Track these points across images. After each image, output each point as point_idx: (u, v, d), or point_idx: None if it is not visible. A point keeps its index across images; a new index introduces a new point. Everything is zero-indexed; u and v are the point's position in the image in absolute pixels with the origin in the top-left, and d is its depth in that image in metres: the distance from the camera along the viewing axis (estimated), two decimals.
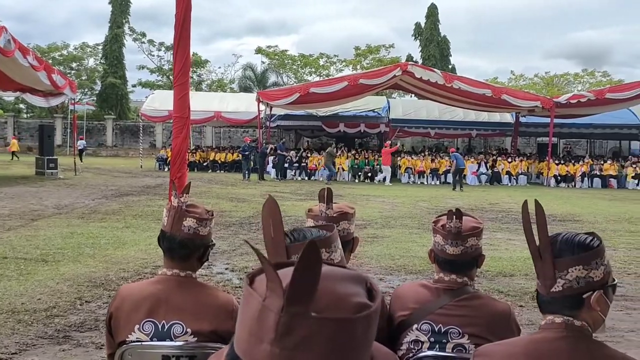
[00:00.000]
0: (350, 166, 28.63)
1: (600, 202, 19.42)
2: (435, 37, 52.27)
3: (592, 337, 1.67)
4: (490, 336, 2.26)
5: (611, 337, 5.40)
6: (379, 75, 26.32)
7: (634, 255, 9.47)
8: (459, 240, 2.46)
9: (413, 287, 2.63)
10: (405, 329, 2.48)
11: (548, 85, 53.32)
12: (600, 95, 26.63)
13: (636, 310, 6.30)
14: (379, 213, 14.51)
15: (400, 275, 7.80)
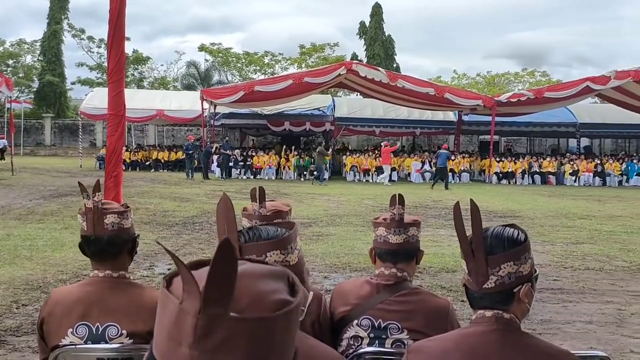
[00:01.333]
0: (296, 165, 28.58)
1: (540, 198, 19.91)
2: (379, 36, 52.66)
3: (520, 329, 1.72)
4: (429, 331, 2.26)
5: (548, 329, 5.51)
6: (324, 73, 26.33)
7: (571, 249, 9.72)
8: (402, 228, 2.51)
9: (354, 283, 2.65)
10: (345, 325, 2.49)
11: (490, 85, 54.40)
12: (539, 95, 27.28)
13: (572, 302, 6.44)
14: (324, 211, 14.51)
15: (345, 272, 7.80)
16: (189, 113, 31.22)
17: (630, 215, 14.78)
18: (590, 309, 6.21)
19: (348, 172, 28.79)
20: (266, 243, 1.56)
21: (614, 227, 12.45)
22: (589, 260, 8.81)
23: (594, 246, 10.09)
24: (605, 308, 6.24)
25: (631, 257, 9.07)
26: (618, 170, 29.31)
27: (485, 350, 1.65)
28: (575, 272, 8.05)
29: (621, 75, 26.16)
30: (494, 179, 28.16)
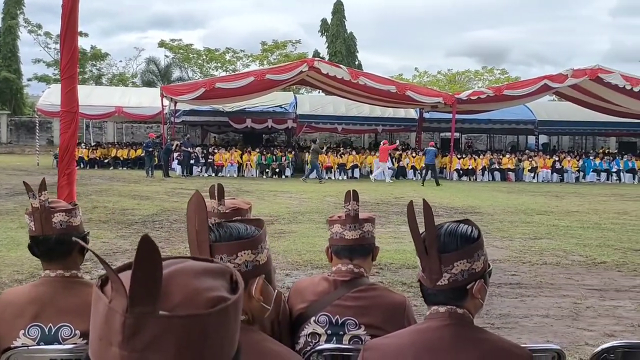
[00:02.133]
0: (258, 162, 28.45)
1: (499, 194, 20.18)
2: (341, 33, 52.77)
3: (473, 324, 1.74)
4: (386, 327, 2.28)
5: (506, 323, 5.57)
6: (285, 70, 26.26)
7: (529, 245, 9.86)
8: (357, 224, 2.53)
9: (311, 280, 2.64)
10: (303, 322, 2.49)
11: (450, 82, 54.96)
12: (498, 92, 27.64)
13: (529, 297, 6.53)
14: (286, 209, 14.47)
15: (306, 270, 7.77)
16: (148, 110, 30.76)
17: (587, 211, 15.07)
18: (547, 303, 6.30)
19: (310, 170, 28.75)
20: (237, 243, 1.55)
21: (571, 223, 12.68)
22: (547, 255, 8.94)
23: (551, 241, 10.25)
24: (561, 302, 6.33)
25: (587, 252, 9.24)
26: (575, 167, 29.89)
27: (439, 345, 1.67)
28: (533, 267, 8.16)
29: (578, 74, 26.67)
30: (454, 176, 28.46)
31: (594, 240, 10.42)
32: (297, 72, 25.89)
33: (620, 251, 9.36)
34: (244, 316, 1.55)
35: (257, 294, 1.55)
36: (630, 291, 6.87)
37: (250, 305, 1.56)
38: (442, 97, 28.28)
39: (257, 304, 1.57)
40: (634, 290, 6.92)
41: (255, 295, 1.55)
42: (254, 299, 1.55)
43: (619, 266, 8.23)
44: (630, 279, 7.47)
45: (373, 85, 26.50)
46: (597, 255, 8.99)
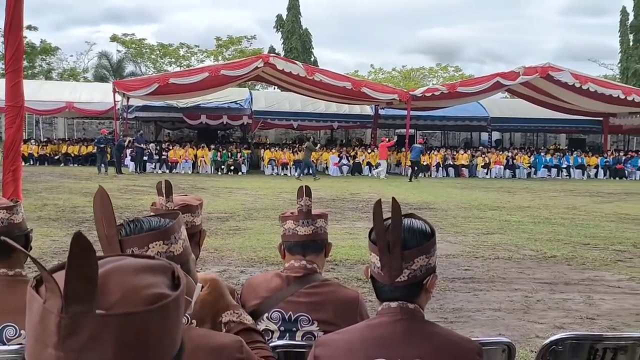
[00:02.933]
0: (213, 159, 28.22)
1: (453, 190, 20.44)
2: (297, 29, 52.59)
3: (424, 318, 1.76)
4: (339, 322, 2.28)
5: (459, 317, 5.63)
6: (240, 66, 26.10)
7: (482, 240, 9.99)
8: (310, 220, 2.53)
9: (264, 276, 2.64)
10: (256, 319, 2.46)
11: (405, 79, 55.33)
12: (452, 89, 28.02)
13: (482, 291, 6.61)
14: (241, 205, 14.38)
15: (262, 266, 7.73)
16: (100, 105, 30.16)
17: (538, 206, 15.37)
18: (499, 296, 6.39)
19: (266, 166, 28.66)
20: (148, 235, 1.53)
21: (523, 218, 12.91)
22: (499, 250, 9.08)
23: (503, 236, 10.41)
24: (513, 295, 6.43)
25: (538, 246, 9.41)
26: (527, 163, 30.50)
27: (390, 340, 1.67)
28: (486, 261, 8.28)
29: (529, 72, 27.21)
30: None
31: (544, 234, 10.62)
32: (252, 68, 25.76)
33: (569, 245, 9.57)
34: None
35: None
36: (579, 284, 7.02)
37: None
38: (397, 94, 28.52)
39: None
40: (582, 283, 7.08)
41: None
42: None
43: (568, 260, 8.40)
44: (579, 272, 7.64)
45: (329, 81, 26.56)
46: (547, 249, 9.17)
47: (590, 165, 30.98)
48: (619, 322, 5.57)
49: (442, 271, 7.52)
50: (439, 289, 6.61)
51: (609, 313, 5.86)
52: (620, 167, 30.56)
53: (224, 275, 7.10)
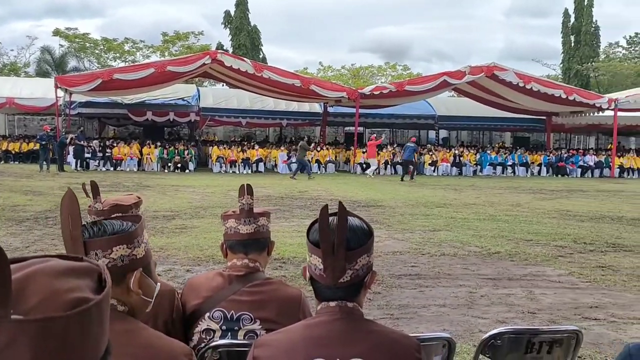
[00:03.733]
0: (159, 156, 27.81)
1: (401, 187, 20.64)
2: (245, 26, 52.28)
3: (363, 316, 1.76)
4: (282, 320, 2.27)
5: (405, 314, 5.67)
6: (187, 62, 25.77)
7: (428, 236, 10.10)
8: (252, 218, 2.53)
9: (206, 276, 2.62)
10: (197, 319, 2.45)
11: (354, 77, 55.63)
12: (400, 88, 28.29)
13: (428, 287, 6.68)
14: (188, 203, 14.20)
15: (208, 265, 7.64)
16: (42, 101, 29.38)
17: (483, 203, 15.65)
18: (445, 292, 6.46)
19: (214, 164, 28.41)
20: (111, 238, 1.58)
21: (468, 215, 13.11)
22: (445, 247, 9.19)
23: (449, 233, 10.55)
24: (458, 291, 6.52)
25: (482, 243, 9.57)
26: (473, 161, 31.05)
27: (329, 339, 1.68)
28: (432, 258, 8.37)
29: (475, 71, 27.69)
30: (358, 170, 28.88)
31: (489, 231, 10.81)
32: (199, 64, 25.47)
33: (513, 241, 9.76)
34: (123, 307, 1.60)
35: (135, 287, 1.60)
36: (522, 279, 7.16)
37: (129, 299, 1.60)
38: (345, 92, 28.64)
39: (137, 298, 1.61)
40: (524, 278, 7.22)
41: (134, 288, 1.59)
42: (133, 293, 1.60)
43: (512, 256, 8.57)
44: (522, 268, 7.80)
45: (277, 78, 26.49)
46: (491, 245, 9.33)
47: (533, 163, 31.75)
48: (559, 315, 5.71)
49: (388, 268, 7.59)
50: (386, 285, 6.67)
51: (549, 307, 6.00)
52: (562, 164, 31.41)
53: (169, 275, 6.99)
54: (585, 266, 7.97)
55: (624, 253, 8.99)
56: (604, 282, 7.10)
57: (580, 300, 6.29)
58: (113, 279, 1.57)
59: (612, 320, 5.60)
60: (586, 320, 5.56)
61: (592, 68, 52.53)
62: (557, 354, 2.29)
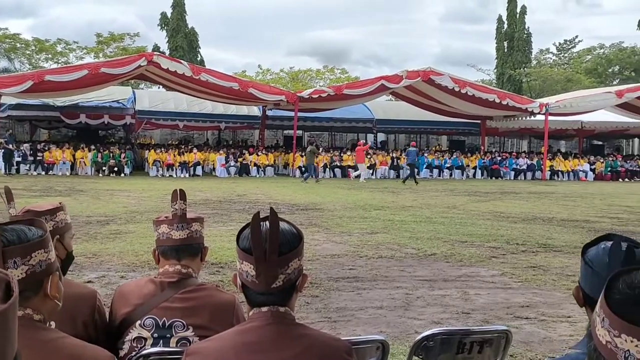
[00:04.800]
0: (93, 160, 27.14)
1: (340, 191, 20.76)
2: (182, 28, 51.65)
3: (295, 321, 1.75)
4: (215, 327, 2.23)
5: (343, 316, 5.69)
6: (122, 64, 25.25)
7: (366, 239, 10.18)
8: (185, 223, 2.49)
9: (137, 283, 2.56)
10: (128, 327, 2.38)
11: (293, 80, 55.67)
12: (339, 91, 28.46)
13: (365, 290, 6.72)
14: (123, 208, 13.91)
15: (144, 271, 7.48)
16: None
17: (420, 206, 15.89)
18: (382, 294, 6.52)
19: (151, 167, 27.91)
20: (31, 244, 1.57)
21: (405, 217, 13.29)
22: (382, 249, 9.28)
23: (387, 235, 10.66)
24: (395, 293, 6.58)
25: (419, 245, 9.70)
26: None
27: (260, 345, 1.67)
28: (370, 260, 8.43)
29: (412, 75, 28.13)
30: (297, 173, 28.90)
31: (425, 233, 10.97)
32: (135, 66, 25.00)
33: (448, 243, 9.93)
34: (39, 316, 1.59)
35: (54, 291, 1.60)
36: (457, 280, 7.29)
37: (45, 306, 1.60)
38: (284, 95, 28.63)
39: (51, 303, 1.61)
40: (459, 279, 7.36)
41: (52, 293, 1.60)
42: (49, 298, 1.60)
43: (447, 257, 8.72)
44: (457, 269, 7.94)
45: (215, 81, 26.26)
46: (428, 247, 9.47)
47: (469, 165, 32.45)
48: (492, 315, 5.83)
49: (327, 271, 7.60)
50: (324, 289, 6.67)
51: (483, 307, 6.12)
52: (496, 167, 32.22)
53: (103, 282, 6.82)
54: (517, 266, 8.18)
55: (553, 253, 9.28)
56: (534, 281, 7.30)
57: (512, 300, 6.45)
58: (32, 286, 1.56)
59: (543, 319, 5.76)
60: (518, 320, 5.70)
61: (525, 73, 54.21)
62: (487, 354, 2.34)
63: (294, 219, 12.37)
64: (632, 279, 1.10)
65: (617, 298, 1.09)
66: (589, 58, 59.81)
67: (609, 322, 1.07)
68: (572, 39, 62.43)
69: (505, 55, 56.92)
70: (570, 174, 32.58)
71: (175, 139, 39.84)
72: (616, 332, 1.05)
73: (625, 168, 33.71)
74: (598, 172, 33.20)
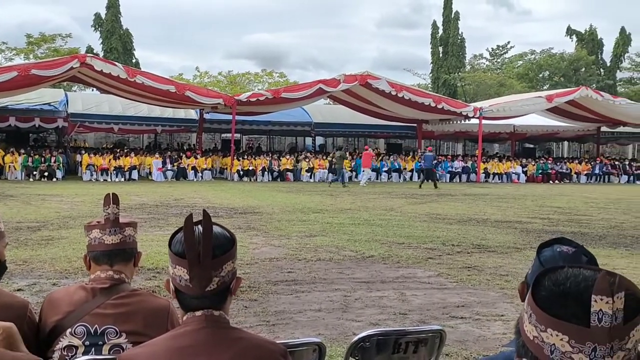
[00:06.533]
0: (23, 164, 26.25)
1: (278, 194, 20.72)
2: (117, 29, 50.61)
3: (229, 324, 1.74)
4: (149, 332, 2.20)
5: (281, 320, 5.68)
6: (54, 66, 24.51)
7: (305, 242, 10.19)
8: (118, 228, 2.44)
9: (68, 289, 2.49)
10: (58, 335, 2.33)
11: (231, 84, 55.28)
12: (277, 95, 28.43)
13: (304, 293, 6.73)
14: (55, 213, 13.52)
15: (77, 278, 7.29)
16: None
17: (358, 208, 16.02)
18: (320, 297, 6.54)
19: (85, 172, 27.19)
20: None
21: (344, 220, 13.37)
22: (321, 252, 9.30)
23: (325, 238, 10.69)
24: (333, 295, 6.61)
25: (357, 247, 9.78)
26: (349, 167, 31.73)
27: (194, 349, 1.65)
28: (308, 263, 8.44)
29: (349, 79, 28.35)
30: (235, 177, 28.70)
31: (363, 235, 11.06)
32: (67, 68, 24.31)
33: (386, 245, 10.05)
34: None
35: None
36: (394, 282, 7.38)
37: None
38: (222, 98, 28.41)
39: None
40: (397, 280, 7.45)
41: None
42: None
43: (385, 259, 8.81)
44: (394, 271, 8.04)
45: (151, 84, 25.81)
46: (366, 249, 9.55)
47: (406, 168, 32.91)
48: (428, 315, 5.93)
49: (265, 275, 7.57)
50: (262, 292, 6.64)
51: (419, 308, 6.22)
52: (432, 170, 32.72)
53: (34, 289, 6.60)
54: (453, 267, 8.35)
55: (488, 253, 9.51)
56: (469, 281, 7.46)
57: (448, 300, 6.57)
58: None
59: (477, 318, 5.89)
60: (453, 319, 5.81)
61: (459, 78, 55.48)
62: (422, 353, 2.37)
63: (232, 223, 12.30)
64: (558, 276, 1.15)
65: (543, 294, 1.13)
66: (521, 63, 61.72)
67: (536, 318, 1.11)
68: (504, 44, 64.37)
69: (440, 60, 58.11)
70: (503, 176, 33.44)
71: (110, 143, 38.97)
72: (542, 327, 1.10)
73: (556, 170, 34.83)
74: (530, 174, 34.18)
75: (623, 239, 11.42)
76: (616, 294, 1.04)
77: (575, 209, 17.09)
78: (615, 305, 1.04)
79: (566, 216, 15.22)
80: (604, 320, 1.04)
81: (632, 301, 1.07)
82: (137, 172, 28.24)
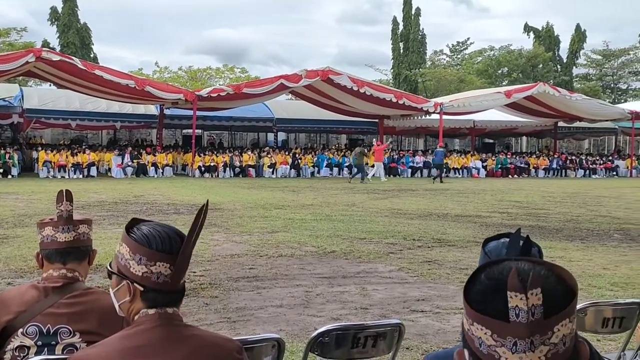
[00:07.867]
0: None
1: (240, 190, 20.61)
2: (74, 23, 49.66)
3: (182, 321, 1.73)
4: (104, 331, 2.15)
5: (242, 316, 5.65)
6: (8, 60, 23.85)
7: (267, 238, 10.16)
8: (71, 225, 2.39)
9: (19, 289, 2.43)
10: (9, 336, 2.27)
11: (192, 79, 54.73)
12: (238, 90, 28.24)
13: (265, 289, 6.71)
14: (10, 211, 13.22)
15: (32, 277, 7.14)
16: None
17: (320, 204, 16.02)
18: (282, 293, 6.52)
19: (41, 169, 26.64)
20: None
21: (306, 216, 13.36)
22: (282, 248, 9.29)
23: (287, 234, 10.68)
24: (294, 291, 6.60)
25: (319, 243, 9.78)
26: (311, 163, 31.76)
27: (147, 348, 1.63)
28: (270, 259, 8.41)
29: (311, 75, 28.32)
30: (197, 173, 28.45)
31: (325, 231, 11.07)
32: (21, 63, 23.69)
33: (347, 240, 10.07)
34: None
35: None
36: (355, 277, 7.40)
37: None
38: (182, 94, 28.11)
39: None
40: (358, 275, 7.48)
41: None
42: None
43: (346, 254, 8.84)
44: (356, 266, 8.07)
45: (111, 79, 25.35)
46: (327, 245, 9.56)
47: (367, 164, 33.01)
48: (389, 309, 5.96)
49: (226, 271, 7.52)
50: (223, 289, 6.60)
51: (380, 302, 6.25)
52: (393, 165, 32.98)
53: None
54: (414, 261, 8.41)
55: (448, 248, 9.61)
56: (430, 276, 7.53)
57: (408, 294, 6.62)
58: None
59: (437, 311, 5.94)
60: (414, 313, 5.86)
61: (420, 74, 55.93)
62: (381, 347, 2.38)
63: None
64: (494, 270, 1.16)
65: (475, 288, 1.15)
66: (480, 60, 62.54)
67: (465, 312, 1.16)
68: (464, 41, 65.15)
69: (401, 56, 58.48)
70: (463, 171, 33.84)
71: (68, 139, 38.25)
72: (470, 320, 1.15)
73: (514, 165, 35.40)
74: (489, 169, 34.65)
75: (579, 232, 11.66)
76: (530, 290, 1.05)
77: (533, 203, 17.39)
78: (530, 302, 1.05)
79: (524, 210, 15.48)
80: (520, 316, 1.06)
81: (554, 296, 1.08)
82: (96, 169, 27.79)
